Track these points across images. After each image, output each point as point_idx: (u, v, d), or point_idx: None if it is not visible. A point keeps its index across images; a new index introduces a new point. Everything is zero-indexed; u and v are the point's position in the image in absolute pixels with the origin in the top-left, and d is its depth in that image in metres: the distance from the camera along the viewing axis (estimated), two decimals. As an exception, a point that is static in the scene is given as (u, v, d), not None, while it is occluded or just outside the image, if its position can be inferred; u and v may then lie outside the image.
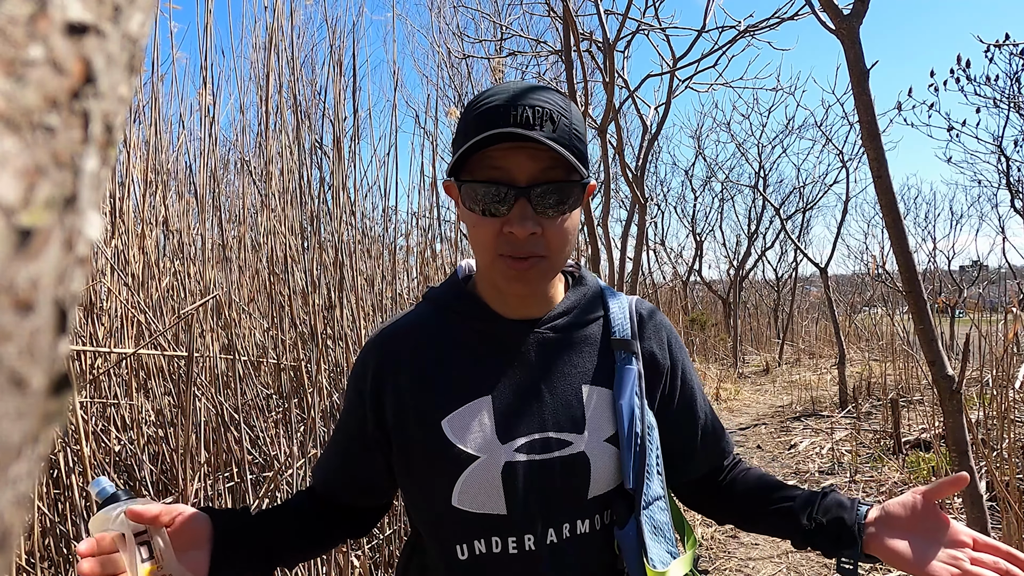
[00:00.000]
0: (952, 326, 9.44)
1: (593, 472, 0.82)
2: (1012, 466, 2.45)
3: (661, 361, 0.91)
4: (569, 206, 0.78)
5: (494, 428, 0.81)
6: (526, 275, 0.78)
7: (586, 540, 0.83)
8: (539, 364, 0.84)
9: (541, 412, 0.82)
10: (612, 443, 0.83)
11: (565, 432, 0.82)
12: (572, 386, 0.84)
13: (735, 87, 5.40)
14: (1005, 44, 5.57)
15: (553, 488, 0.81)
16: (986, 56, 5.81)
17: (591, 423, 0.83)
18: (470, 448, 0.80)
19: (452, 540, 0.81)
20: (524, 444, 0.81)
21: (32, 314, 0.16)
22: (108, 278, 2.11)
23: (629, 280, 3.64)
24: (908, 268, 1.52)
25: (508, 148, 0.75)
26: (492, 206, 0.76)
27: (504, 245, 0.77)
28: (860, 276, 15.57)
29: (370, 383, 0.85)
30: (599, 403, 0.84)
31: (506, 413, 0.81)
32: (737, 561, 3.21)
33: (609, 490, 0.84)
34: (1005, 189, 7.11)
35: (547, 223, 0.76)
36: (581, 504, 0.82)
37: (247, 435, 2.11)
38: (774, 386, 8.54)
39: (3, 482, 0.16)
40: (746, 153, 11.05)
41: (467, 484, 0.79)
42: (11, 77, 0.16)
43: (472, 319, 0.86)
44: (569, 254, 0.84)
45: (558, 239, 0.78)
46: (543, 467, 0.80)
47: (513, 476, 0.79)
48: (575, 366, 0.85)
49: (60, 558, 1.74)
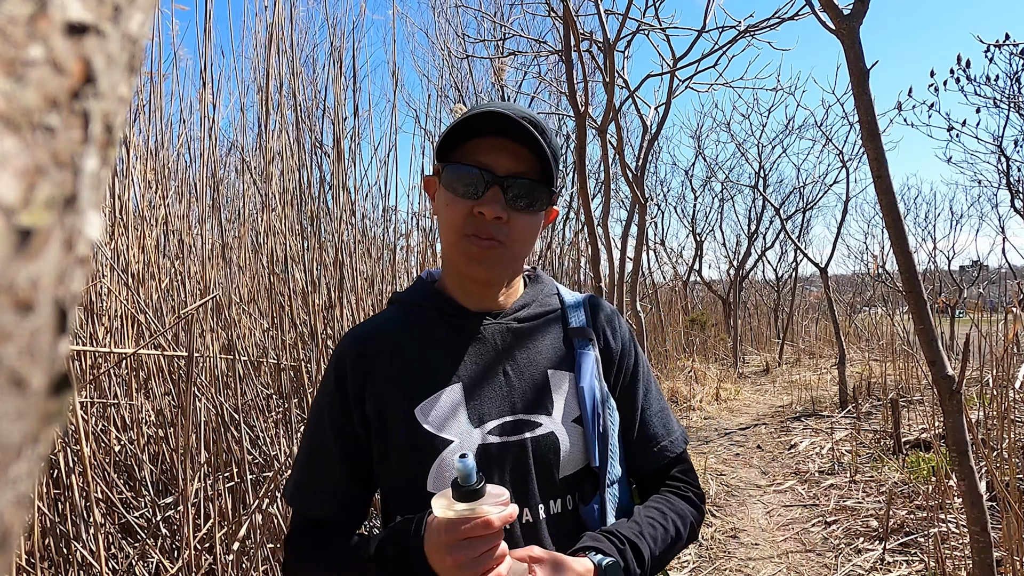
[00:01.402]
0: (952, 326, 9.44)
1: (563, 451, 0.85)
2: (1012, 466, 2.45)
3: (613, 348, 0.97)
4: (536, 207, 0.87)
5: (466, 413, 0.85)
6: (485, 255, 0.84)
7: (558, 520, 0.86)
8: (505, 351, 0.89)
9: (510, 395, 0.87)
10: (578, 424, 0.88)
11: (534, 414, 0.86)
12: (538, 370, 0.89)
13: (735, 87, 5.40)
14: (1005, 44, 5.57)
15: (526, 468, 0.84)
16: (986, 56, 5.81)
17: (558, 405, 0.88)
18: (444, 433, 0.83)
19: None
20: (496, 427, 0.85)
21: (32, 314, 0.16)
22: (108, 278, 2.11)
23: (629, 280, 3.64)
24: (908, 268, 1.51)
25: (493, 144, 0.85)
26: (469, 188, 0.84)
27: (471, 225, 0.84)
28: (860, 276, 15.57)
29: (350, 379, 0.88)
30: (563, 386, 0.89)
31: (477, 398, 0.86)
32: (737, 561, 3.21)
33: (578, 470, 0.87)
34: (1005, 189, 7.12)
35: (514, 215, 0.85)
36: (553, 484, 0.86)
37: (247, 435, 2.11)
38: (774, 386, 8.54)
39: (3, 482, 0.16)
40: (746, 153, 11.05)
41: (440, 469, 0.83)
42: (11, 77, 0.16)
43: (439, 313, 0.91)
44: (526, 255, 0.91)
45: (520, 233, 0.86)
46: (515, 448, 0.84)
47: (487, 458, 0.83)
48: (539, 352, 0.91)
49: (60, 558, 1.74)
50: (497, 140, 0.85)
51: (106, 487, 1.92)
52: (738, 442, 5.57)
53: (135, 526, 1.91)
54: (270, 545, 2.00)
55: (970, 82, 6.00)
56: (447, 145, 0.87)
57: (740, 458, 5.08)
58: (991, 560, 1.55)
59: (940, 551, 2.72)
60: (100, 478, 1.92)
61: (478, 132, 0.85)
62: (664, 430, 0.97)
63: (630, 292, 3.56)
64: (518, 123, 0.82)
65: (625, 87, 3.84)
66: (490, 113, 0.83)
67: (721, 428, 6.16)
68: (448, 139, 0.86)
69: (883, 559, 3.05)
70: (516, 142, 0.85)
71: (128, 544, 2.01)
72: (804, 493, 4.10)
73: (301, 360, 2.30)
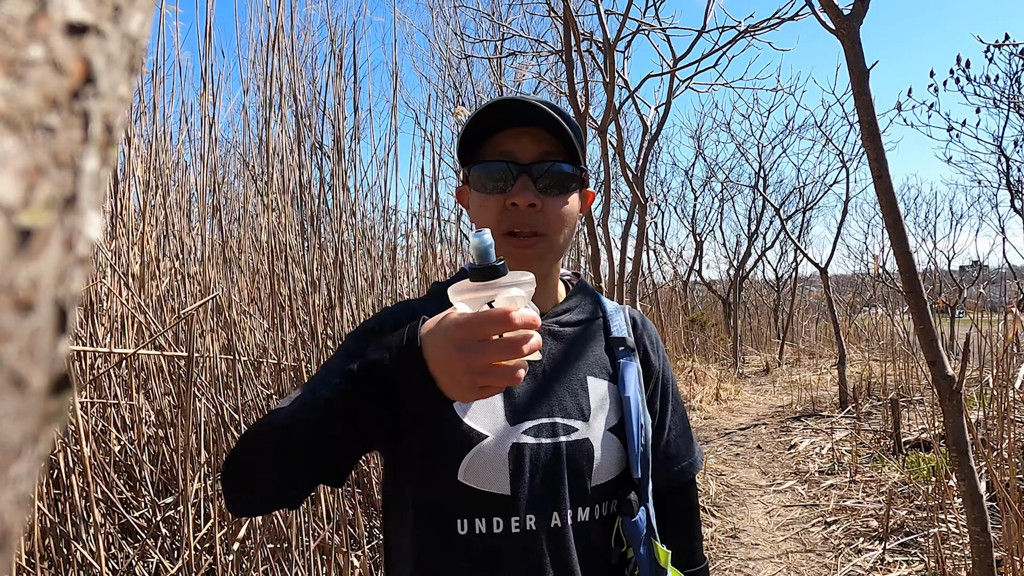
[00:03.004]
0: (952, 326, 9.44)
1: (597, 459, 0.84)
2: (1012, 466, 2.45)
3: (654, 363, 0.96)
4: (569, 190, 0.86)
5: (504, 410, 0.83)
6: (526, 254, 0.83)
7: (586, 528, 0.84)
8: (546, 354, 0.88)
9: (548, 399, 0.85)
10: (614, 433, 0.86)
11: (571, 419, 0.85)
12: (577, 376, 0.88)
13: (735, 87, 5.40)
14: (1005, 44, 5.57)
15: (557, 472, 0.82)
16: (986, 56, 5.81)
17: (595, 412, 0.86)
18: (479, 427, 0.82)
19: (453, 515, 0.81)
20: (532, 427, 0.83)
21: (32, 314, 0.16)
22: (108, 278, 2.11)
23: (629, 280, 3.64)
24: (908, 268, 1.51)
25: (512, 135, 0.84)
26: (498, 183, 0.83)
27: (507, 221, 0.83)
28: (860, 276, 15.57)
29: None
30: (602, 394, 0.88)
31: (515, 397, 0.84)
32: (737, 561, 3.21)
33: (610, 480, 0.86)
34: (1005, 189, 7.13)
35: (547, 200, 0.84)
36: (583, 491, 0.84)
37: (247, 435, 2.11)
38: (774, 386, 8.54)
39: (3, 482, 0.16)
40: (746, 153, 11.07)
41: (474, 461, 0.81)
42: (11, 77, 0.16)
43: None
44: (568, 241, 0.89)
45: (557, 218, 0.84)
46: (549, 451, 0.82)
47: (520, 457, 0.81)
48: (579, 358, 0.89)
49: (60, 558, 1.74)
50: (516, 130, 0.84)
51: (106, 487, 1.92)
52: (738, 442, 5.57)
53: (135, 526, 1.91)
54: (270, 545, 1.99)
55: (970, 82, 6.00)
56: (467, 148, 0.86)
57: (740, 458, 5.08)
58: (991, 560, 1.55)
59: (940, 551, 2.72)
60: (100, 478, 1.92)
61: (497, 127, 0.85)
62: (686, 450, 0.97)
63: (630, 292, 3.55)
64: (534, 107, 0.82)
65: (625, 87, 3.84)
66: (504, 103, 0.82)
67: (721, 428, 6.16)
68: (467, 141, 0.86)
69: (883, 559, 3.05)
70: (535, 127, 0.84)
71: (128, 544, 2.01)
72: (804, 493, 4.10)
73: (301, 360, 2.30)
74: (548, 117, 0.82)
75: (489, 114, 0.83)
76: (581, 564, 0.83)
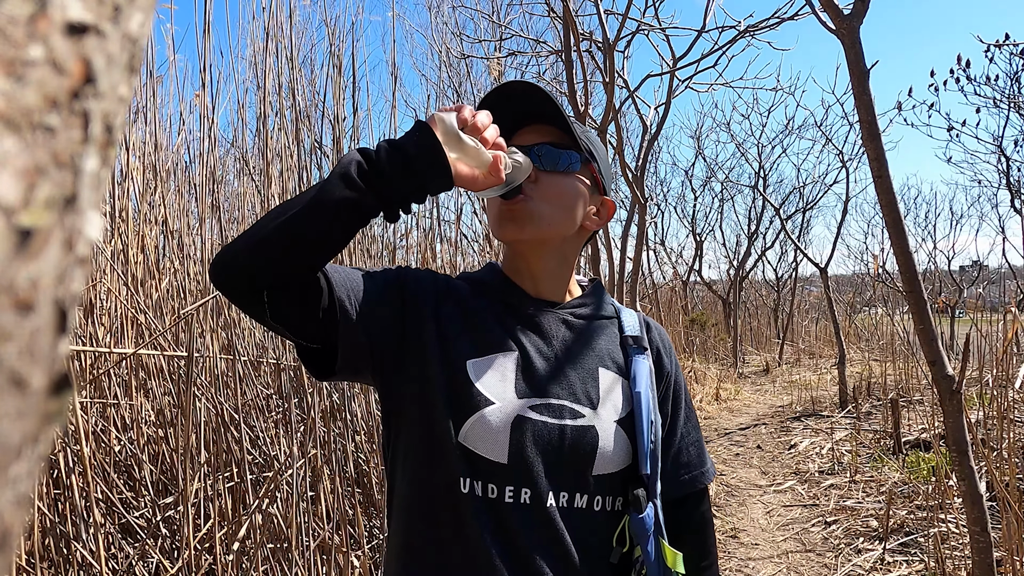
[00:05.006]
0: (952, 326, 9.45)
1: (600, 448, 0.84)
2: (1012, 466, 2.45)
3: (666, 366, 0.98)
4: (567, 168, 0.89)
5: (515, 381, 0.85)
6: (513, 211, 0.86)
7: (582, 515, 0.84)
8: (561, 340, 0.90)
9: (560, 381, 0.87)
10: (622, 426, 0.87)
11: (579, 405, 0.86)
12: (590, 366, 0.90)
13: (735, 87, 5.40)
14: (1005, 44, 5.58)
15: (557, 453, 0.83)
16: (986, 56, 5.81)
17: (604, 402, 0.87)
18: (487, 392, 0.83)
19: (456, 473, 0.82)
20: (540, 404, 0.84)
21: (32, 314, 0.16)
22: (108, 278, 2.11)
23: (629, 280, 3.64)
24: (908, 268, 1.51)
25: (520, 131, 0.91)
26: None
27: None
28: (860, 276, 15.57)
29: (433, 288, 0.90)
30: (613, 387, 0.89)
31: (529, 373, 0.86)
32: (737, 561, 3.21)
33: (615, 472, 0.86)
34: (1005, 189, 7.13)
35: (543, 175, 0.88)
36: (583, 478, 0.84)
37: (247, 435, 2.11)
38: (774, 386, 8.54)
39: (3, 482, 0.16)
40: (746, 153, 11.06)
41: (476, 425, 0.82)
42: (11, 77, 0.16)
43: (502, 293, 0.93)
44: (561, 222, 0.90)
45: (549, 191, 0.88)
46: (552, 430, 0.83)
47: (521, 430, 0.82)
48: (592, 349, 0.92)
49: (60, 558, 1.74)
50: (525, 129, 0.91)
51: (106, 487, 1.92)
52: (738, 442, 5.57)
53: (135, 526, 1.91)
54: (270, 545, 2.00)
55: (970, 82, 6.01)
56: None
57: (740, 458, 5.08)
58: (991, 560, 1.55)
59: (940, 551, 2.72)
60: (100, 478, 1.92)
61: (510, 130, 0.91)
62: (698, 460, 0.97)
63: (630, 292, 3.55)
64: (539, 99, 0.88)
65: (625, 87, 3.84)
66: (513, 99, 0.88)
67: (721, 428, 6.16)
68: None
69: (883, 559, 3.05)
70: (537, 122, 0.91)
71: (128, 544, 2.01)
72: (804, 493, 4.10)
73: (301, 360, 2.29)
74: (550, 109, 0.88)
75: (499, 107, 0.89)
76: (578, 553, 0.82)
